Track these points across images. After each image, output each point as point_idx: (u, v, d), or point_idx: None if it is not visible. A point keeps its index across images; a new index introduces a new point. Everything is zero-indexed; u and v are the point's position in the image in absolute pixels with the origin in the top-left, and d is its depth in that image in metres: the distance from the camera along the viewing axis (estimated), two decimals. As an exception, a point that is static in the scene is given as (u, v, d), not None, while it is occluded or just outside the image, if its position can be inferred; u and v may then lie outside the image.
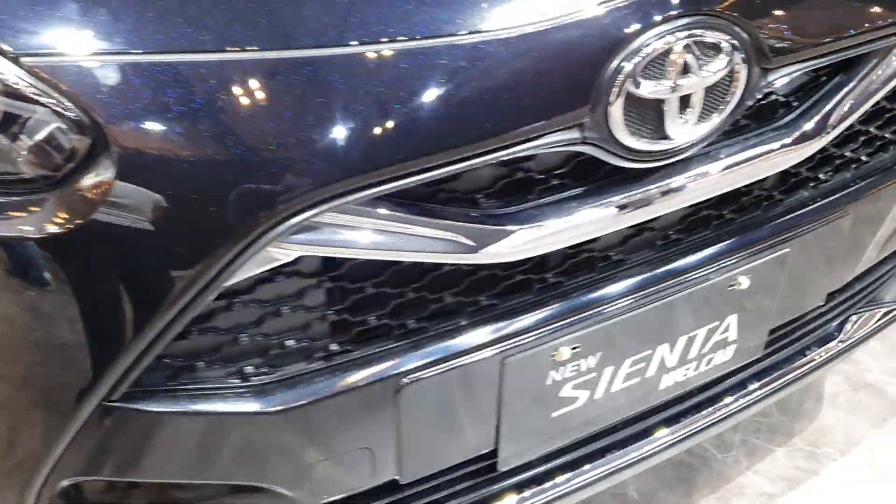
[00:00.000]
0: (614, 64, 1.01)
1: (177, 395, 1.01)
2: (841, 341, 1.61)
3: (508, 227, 1.04)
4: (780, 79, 1.16)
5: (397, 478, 1.19)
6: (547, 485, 1.34)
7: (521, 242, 1.05)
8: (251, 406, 1.04)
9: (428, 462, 1.20)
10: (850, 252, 1.45)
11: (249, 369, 1.04)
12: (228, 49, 0.89)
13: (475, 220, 1.04)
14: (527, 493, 1.32)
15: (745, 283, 1.30)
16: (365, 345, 1.09)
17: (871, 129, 1.39)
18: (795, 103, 1.25)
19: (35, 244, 0.88)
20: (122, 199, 0.87)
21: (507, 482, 1.31)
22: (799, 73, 1.18)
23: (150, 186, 0.87)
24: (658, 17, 1.02)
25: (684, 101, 1.07)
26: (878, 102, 1.36)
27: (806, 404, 2.08)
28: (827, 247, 1.39)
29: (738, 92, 1.11)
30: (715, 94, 1.10)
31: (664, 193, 1.13)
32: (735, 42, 1.08)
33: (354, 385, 1.07)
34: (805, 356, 1.57)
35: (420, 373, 1.10)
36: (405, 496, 1.24)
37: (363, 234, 0.97)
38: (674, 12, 1.03)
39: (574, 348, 1.19)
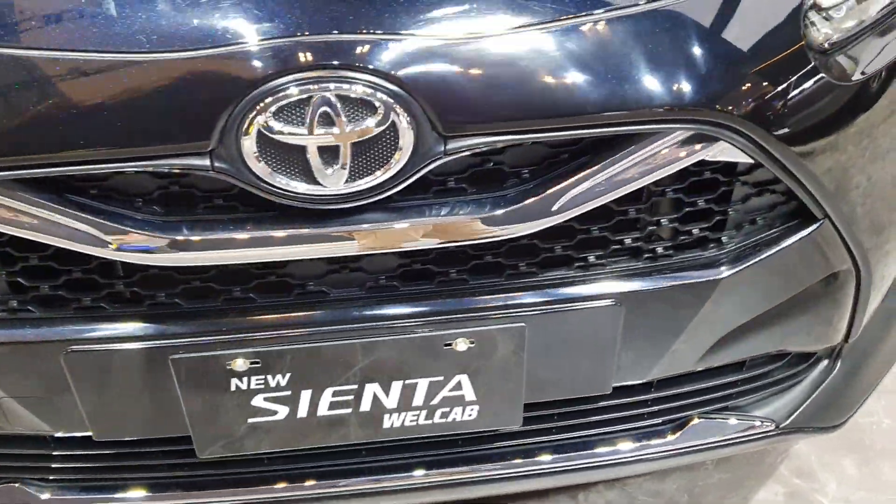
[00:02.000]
0: (244, 102, 1.05)
1: None
2: (668, 444, 1.50)
3: (135, 232, 1.13)
4: (467, 149, 1.12)
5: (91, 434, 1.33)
6: (264, 487, 1.42)
7: (144, 250, 1.13)
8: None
9: (118, 428, 1.32)
10: (638, 347, 1.34)
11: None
12: None
13: (113, 220, 1.13)
14: (234, 489, 1.41)
15: (463, 346, 1.27)
16: (43, 308, 1.24)
17: (663, 221, 1.28)
18: (527, 175, 1.20)
19: None
20: None
21: (215, 472, 1.40)
22: (504, 144, 1.13)
23: None
24: (298, 65, 1.05)
25: (334, 152, 1.09)
26: (664, 194, 1.25)
27: (726, 502, 1.90)
28: (590, 334, 1.30)
29: (406, 153, 1.10)
30: (379, 150, 1.10)
31: (327, 236, 1.15)
32: (393, 102, 1.07)
33: (27, 340, 1.22)
34: (612, 446, 1.48)
35: (87, 346, 1.22)
36: (106, 453, 1.38)
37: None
38: (319, 63, 1.05)
39: (253, 363, 1.25)
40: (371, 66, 1.06)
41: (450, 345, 1.27)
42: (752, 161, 1.21)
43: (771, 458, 2.00)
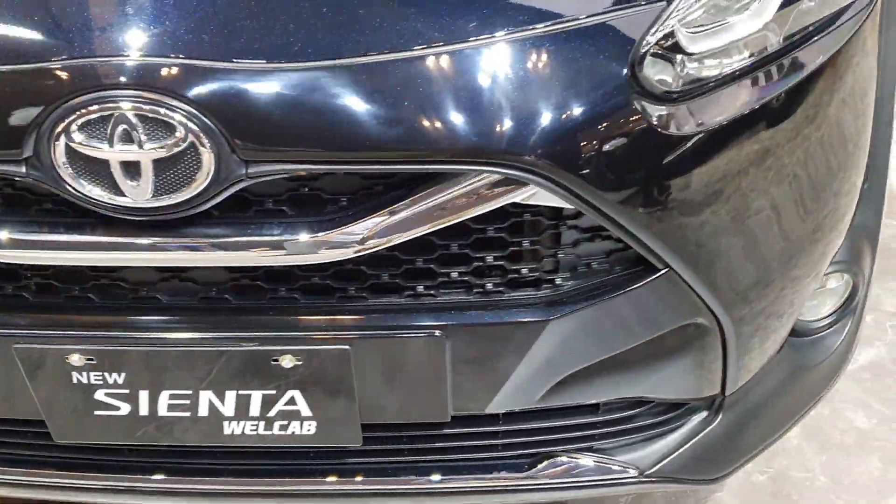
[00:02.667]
0: (53, 115, 1.11)
1: None
2: (523, 478, 1.49)
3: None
4: (268, 174, 1.14)
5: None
6: (124, 476, 1.49)
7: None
8: None
9: (-23, 406, 1.42)
10: (472, 379, 1.34)
11: None
12: None
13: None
14: (91, 474, 1.48)
15: (289, 362, 1.30)
16: None
17: (488, 258, 1.27)
18: (344, 203, 1.21)
19: None
20: None
21: (71, 455, 1.48)
22: (307, 172, 1.16)
23: None
24: (99, 84, 1.10)
25: (137, 167, 1.14)
26: (486, 231, 1.25)
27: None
28: (418, 362, 1.31)
29: (207, 173, 1.14)
30: (182, 169, 1.14)
31: (138, 246, 1.20)
32: (192, 125, 1.11)
33: None
34: (465, 475, 1.48)
35: (-60, 329, 1.32)
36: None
37: None
38: (118, 83, 1.10)
39: (88, 359, 1.31)
40: (170, 90, 1.10)
41: (277, 360, 1.30)
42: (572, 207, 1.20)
43: None
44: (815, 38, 1.34)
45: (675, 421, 1.52)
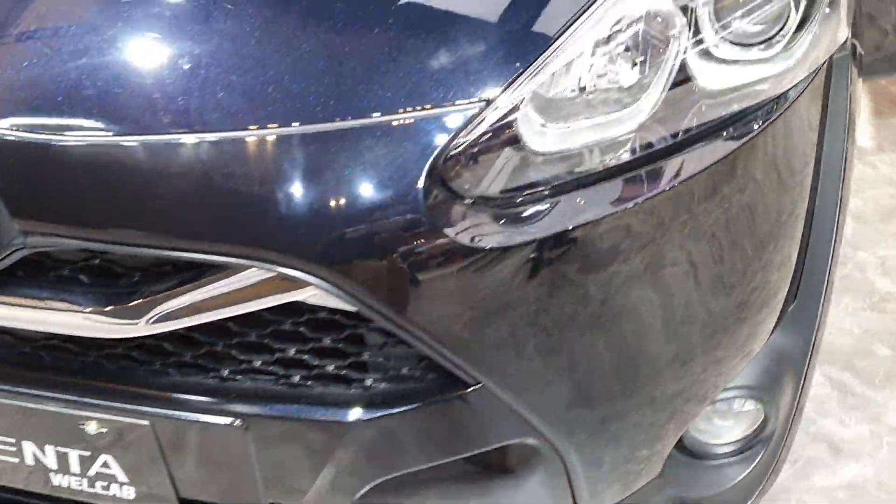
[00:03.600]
0: None
1: None
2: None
3: None
4: (44, 246, 1.13)
5: None
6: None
7: None
8: None
9: None
10: (280, 472, 1.27)
11: None
12: None
13: None
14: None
15: (94, 429, 1.27)
16: None
17: (291, 352, 1.20)
18: (136, 279, 1.18)
19: None
20: None
21: None
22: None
23: None
24: None
25: None
26: (282, 323, 1.18)
27: None
28: (221, 448, 1.25)
29: (-10, 238, 1.13)
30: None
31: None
32: None
33: None
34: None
35: None
36: None
37: None
38: None
39: (-81, 397, 1.33)
40: None
41: (83, 425, 1.29)
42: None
43: None
44: (700, 144, 1.20)
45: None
